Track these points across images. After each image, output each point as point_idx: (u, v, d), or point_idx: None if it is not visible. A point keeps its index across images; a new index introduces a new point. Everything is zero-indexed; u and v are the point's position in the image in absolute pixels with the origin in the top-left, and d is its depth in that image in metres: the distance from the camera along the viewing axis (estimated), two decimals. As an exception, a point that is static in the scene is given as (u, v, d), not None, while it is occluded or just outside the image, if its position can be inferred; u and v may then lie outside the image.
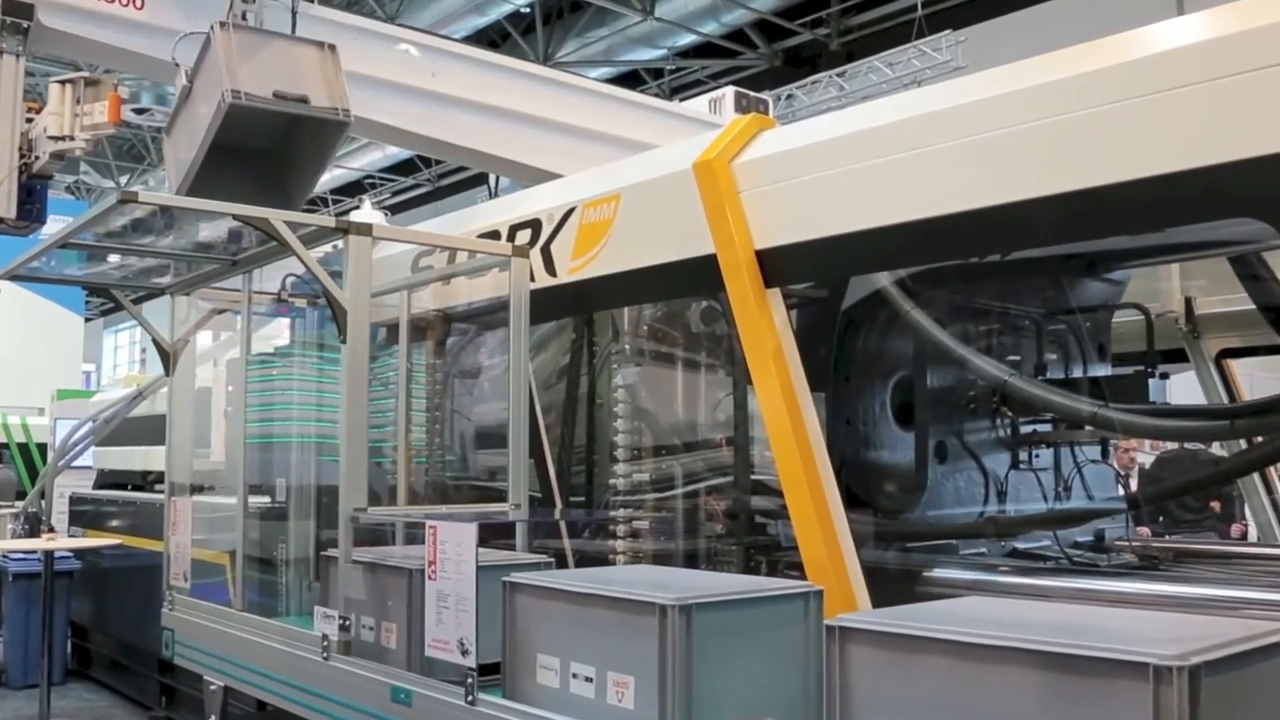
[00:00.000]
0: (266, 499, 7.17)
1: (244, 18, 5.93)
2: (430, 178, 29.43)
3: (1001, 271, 5.48)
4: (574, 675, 3.88)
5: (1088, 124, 3.93)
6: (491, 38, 20.78)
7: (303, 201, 6.37)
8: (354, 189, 30.20)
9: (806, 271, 5.16)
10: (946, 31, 16.91)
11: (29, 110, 6.25)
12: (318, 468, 6.92)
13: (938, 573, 5.26)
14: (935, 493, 5.65)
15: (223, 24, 5.63)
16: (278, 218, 5.41)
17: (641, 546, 5.66)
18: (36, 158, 6.12)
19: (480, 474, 6.98)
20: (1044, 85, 4.12)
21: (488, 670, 4.38)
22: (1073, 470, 5.98)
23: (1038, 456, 5.93)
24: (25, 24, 6.22)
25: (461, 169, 25.93)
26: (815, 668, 3.64)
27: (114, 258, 7.25)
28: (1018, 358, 5.90)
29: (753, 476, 5.46)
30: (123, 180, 30.20)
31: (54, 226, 6.56)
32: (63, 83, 5.76)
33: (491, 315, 6.54)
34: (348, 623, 5.34)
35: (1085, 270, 5.84)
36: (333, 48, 5.87)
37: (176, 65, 5.98)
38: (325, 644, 5.41)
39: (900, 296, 5.31)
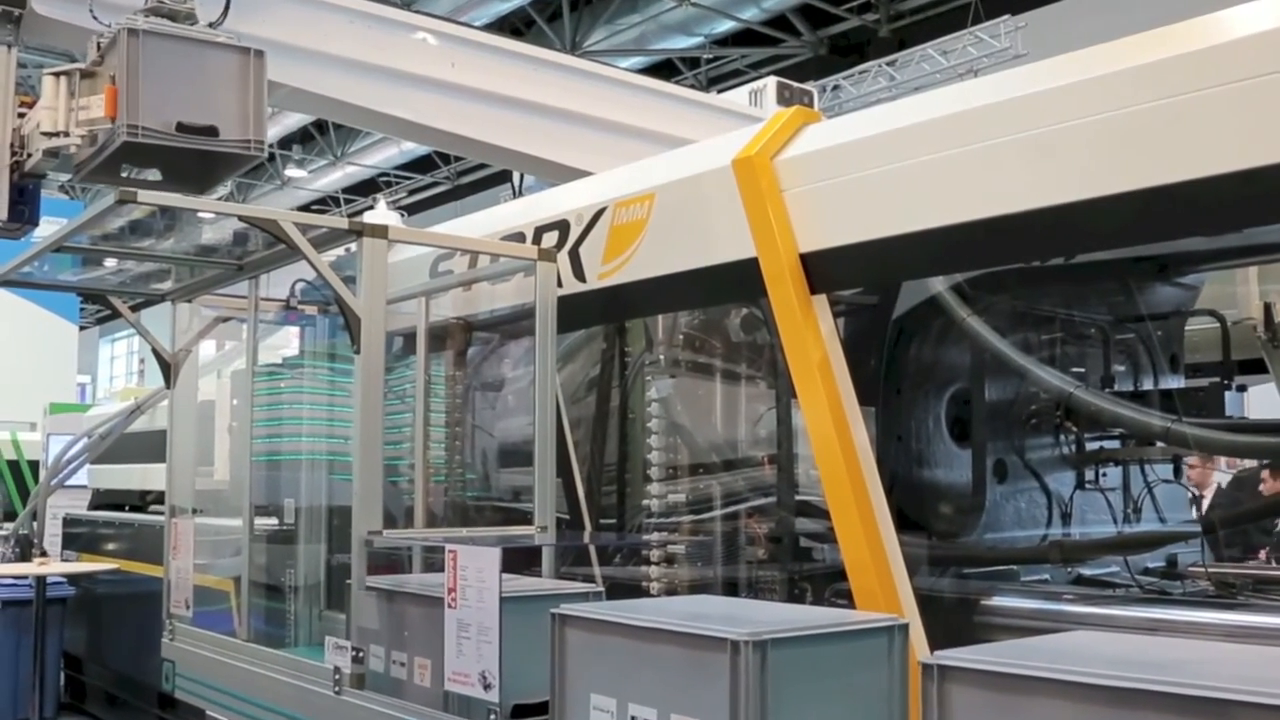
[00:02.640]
0: (274, 521, 7.20)
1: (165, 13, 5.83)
2: (449, 175, 29.55)
3: (1066, 275, 5.46)
4: (633, 718, 3.86)
5: (1161, 116, 3.92)
6: (515, 25, 20.87)
7: (213, 189, 6.36)
8: (368, 187, 30.36)
9: (855, 276, 5.15)
10: (1005, 17, 16.88)
11: (21, 105, 6.30)
12: (329, 487, 6.95)
13: (997, 601, 5.23)
14: (994, 514, 5.63)
15: (133, 31, 5.54)
16: (286, 219, 5.45)
17: (678, 573, 5.66)
18: (29, 155, 6.16)
19: (504, 494, 6.99)
20: (1114, 74, 4.11)
21: (531, 711, 4.38)
22: (1143, 490, 5.94)
23: (1105, 475, 5.89)
24: (17, 12, 6.29)
25: (483, 166, 26.03)
26: (899, 709, 3.62)
27: (111, 262, 7.31)
28: (1083, 369, 5.87)
29: (797, 497, 5.45)
30: (121, 179, 30.38)
31: (47, 228, 6.61)
32: (57, 75, 5.80)
33: (516, 323, 6.56)
34: (361, 654, 5.36)
35: (1156, 274, 5.82)
36: (260, 55, 5.77)
37: (94, 17, 5.98)
38: (337, 677, 5.43)
39: (956, 303, 5.30)
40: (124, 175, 5.93)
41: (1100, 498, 5.87)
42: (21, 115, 6.28)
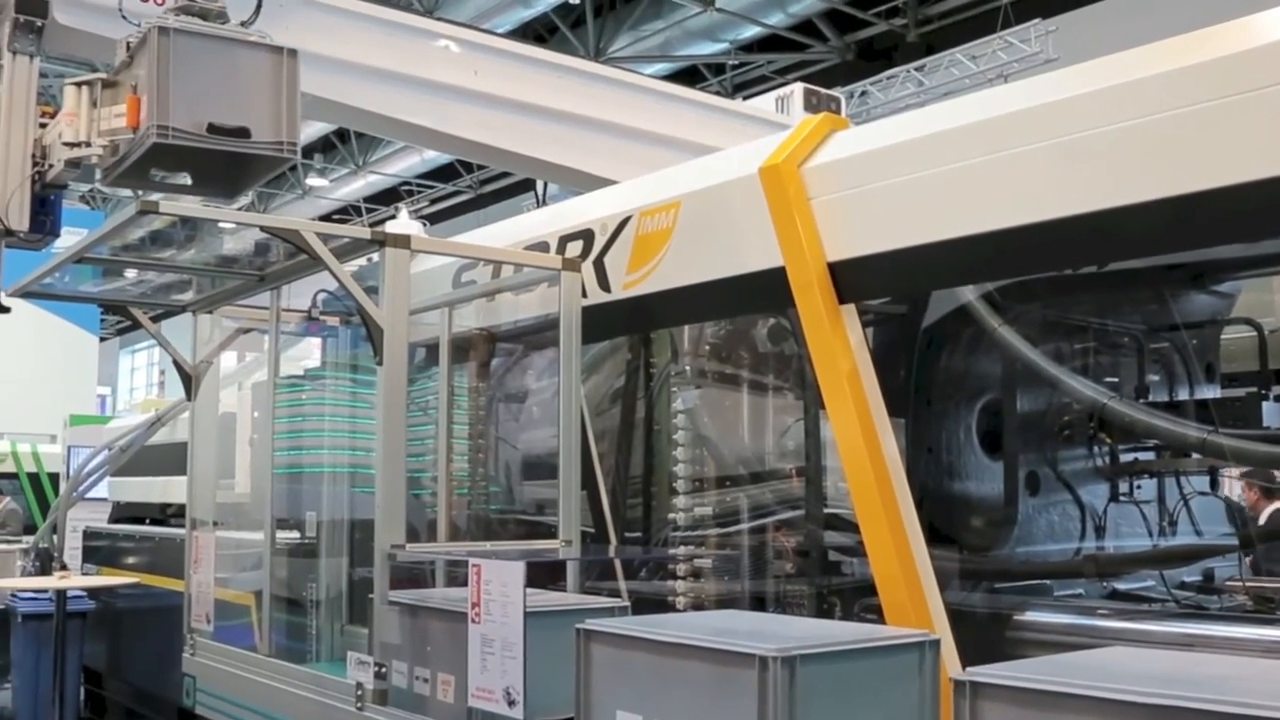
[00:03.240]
0: (295, 534, 7.22)
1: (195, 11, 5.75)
2: (472, 184, 29.61)
3: (1098, 283, 5.44)
4: (659, 735, 3.84)
5: (1195, 121, 3.91)
6: (538, 32, 20.91)
7: (243, 194, 6.35)
8: (389, 196, 30.42)
9: (884, 285, 5.14)
10: (1035, 20, 16.84)
11: (43, 115, 6.34)
12: (351, 500, 6.96)
13: (1030, 616, 5.21)
14: (1026, 528, 5.60)
15: (163, 29, 5.48)
16: (308, 229, 5.47)
17: (704, 588, 5.65)
18: (50, 166, 6.20)
19: (528, 507, 7.00)
20: (1148, 79, 4.10)
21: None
22: (1179, 503, 5.91)
23: (1139, 488, 5.87)
24: (39, 22, 6.33)
25: (506, 175, 26.05)
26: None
27: (132, 272, 7.34)
28: (1117, 379, 5.85)
29: (826, 510, 5.44)
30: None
31: (67, 239, 6.65)
32: (79, 85, 5.83)
33: (540, 334, 6.57)
34: (384, 670, 5.37)
35: (1191, 282, 5.79)
36: (292, 54, 5.70)
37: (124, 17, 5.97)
38: (359, 693, 5.44)
39: (987, 312, 5.28)
40: (153, 178, 5.93)
41: (1135, 510, 5.85)
42: (43, 125, 6.32)
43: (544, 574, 5.69)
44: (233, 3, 5.84)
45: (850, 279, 4.94)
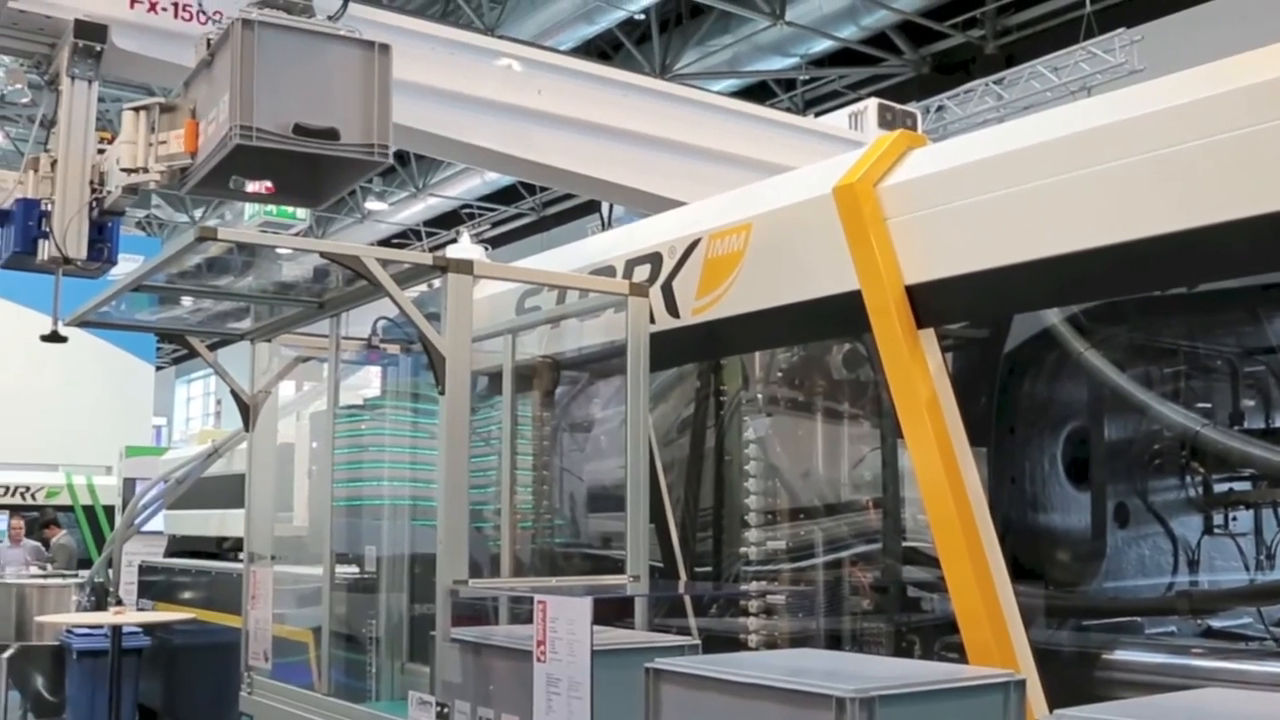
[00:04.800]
0: (355, 569, 7.25)
1: (280, 4, 5.63)
2: (534, 206, 29.75)
3: (1190, 305, 5.38)
4: (731, 779, 3.82)
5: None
6: (602, 49, 21.00)
7: (327, 202, 6.37)
8: (450, 219, 30.65)
9: (965, 309, 5.12)
10: (1119, 30, 16.72)
11: (100, 140, 6.44)
12: (411, 534, 6.98)
13: (1120, 655, 5.15)
14: (1115, 562, 5.55)
15: (247, 21, 5.31)
16: (369, 255, 5.50)
17: (778, 625, 5.63)
18: (108, 192, 6.29)
19: (594, 541, 7.00)
20: (1241, 90, 4.06)
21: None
22: (1276, 535, 5.83)
23: (1234, 519, 5.79)
24: (98, 47, 6.44)
25: (569, 196, 26.15)
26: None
27: (188, 300, 7.41)
28: (1209, 404, 5.78)
29: (904, 544, 5.41)
30: (197, 214, 30.98)
31: (123, 266, 6.73)
32: (137, 110, 5.91)
33: (606, 362, 6.58)
34: (446, 709, 5.37)
35: (1289, 302, 5.72)
36: (385, 50, 5.54)
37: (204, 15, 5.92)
38: (421, 733, 5.45)
39: (1072, 336, 5.24)
40: (232, 186, 5.91)
41: (1230, 543, 5.77)
42: (101, 151, 6.42)
43: (611, 611, 5.68)
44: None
45: (929, 302, 4.92)
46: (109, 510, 19.07)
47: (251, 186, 6.09)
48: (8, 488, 19.77)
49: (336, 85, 5.49)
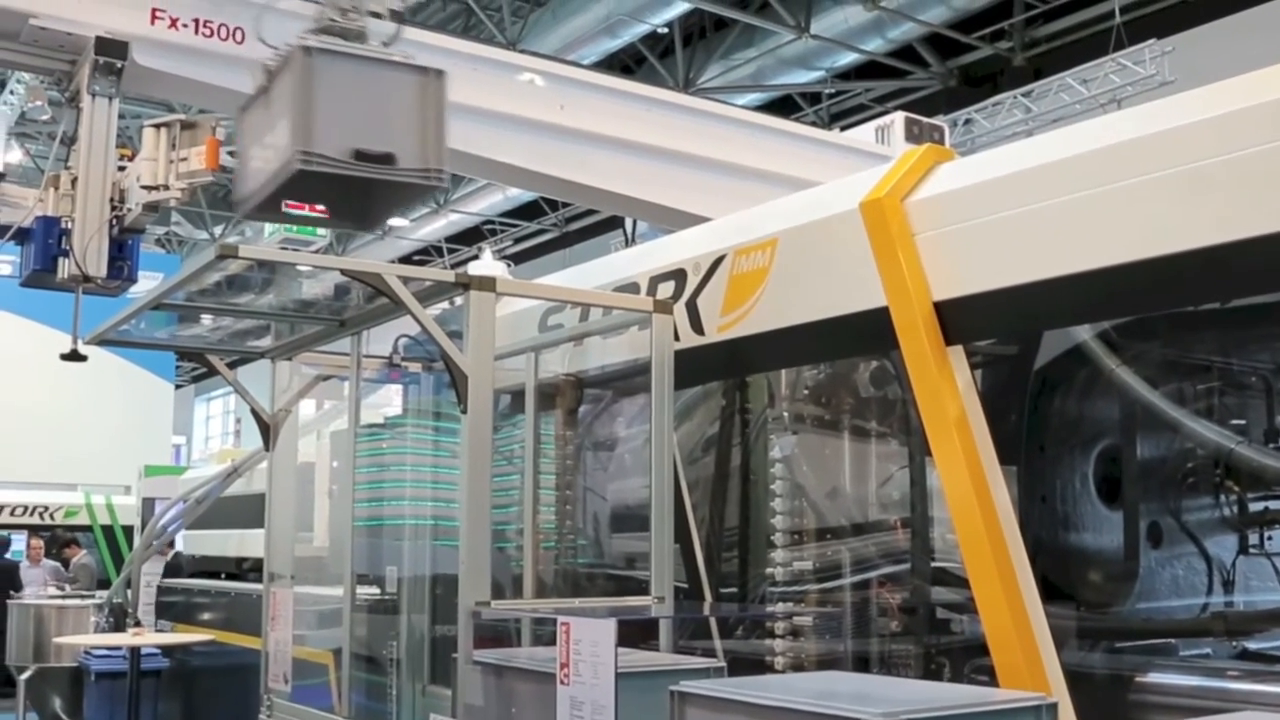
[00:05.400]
0: (375, 590, 7.26)
1: (336, 31, 5.73)
2: (557, 222, 29.78)
3: (1223, 320, 5.37)
4: (758, 804, 3.81)
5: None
6: (625, 63, 21.05)
7: (378, 227, 6.41)
8: (472, 236, 30.71)
9: (994, 325, 5.11)
10: (1150, 41, 16.67)
11: (121, 157, 6.48)
12: (433, 554, 6.99)
13: (1153, 678, 5.13)
14: (1148, 583, 5.53)
15: (307, 49, 5.45)
16: (390, 272, 5.52)
17: (805, 647, 5.61)
18: (129, 210, 6.33)
19: (618, 562, 6.99)
20: (1275, 102, 4.05)
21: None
22: (1315, 555, 5.81)
23: (1270, 539, 5.76)
24: (119, 64, 6.48)
25: (592, 212, 26.18)
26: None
27: (208, 318, 7.45)
28: (1244, 421, 5.76)
29: (933, 564, 5.40)
30: (217, 231, 31.11)
31: (143, 284, 6.76)
32: (157, 126, 5.95)
33: (630, 380, 6.58)
34: (468, 732, 5.38)
35: (1325, 318, 5.70)
36: (439, 75, 5.71)
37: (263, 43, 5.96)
38: (443, 756, 5.45)
39: (1104, 352, 5.23)
40: (284, 211, 5.95)
41: (1266, 563, 5.74)
42: (121, 169, 6.45)
43: (636, 632, 5.67)
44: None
45: (958, 319, 4.91)
46: (128, 530, 19.14)
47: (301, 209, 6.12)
48: (26, 507, 19.85)
49: (393, 110, 5.59)
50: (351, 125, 5.46)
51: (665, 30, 20.29)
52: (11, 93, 21.05)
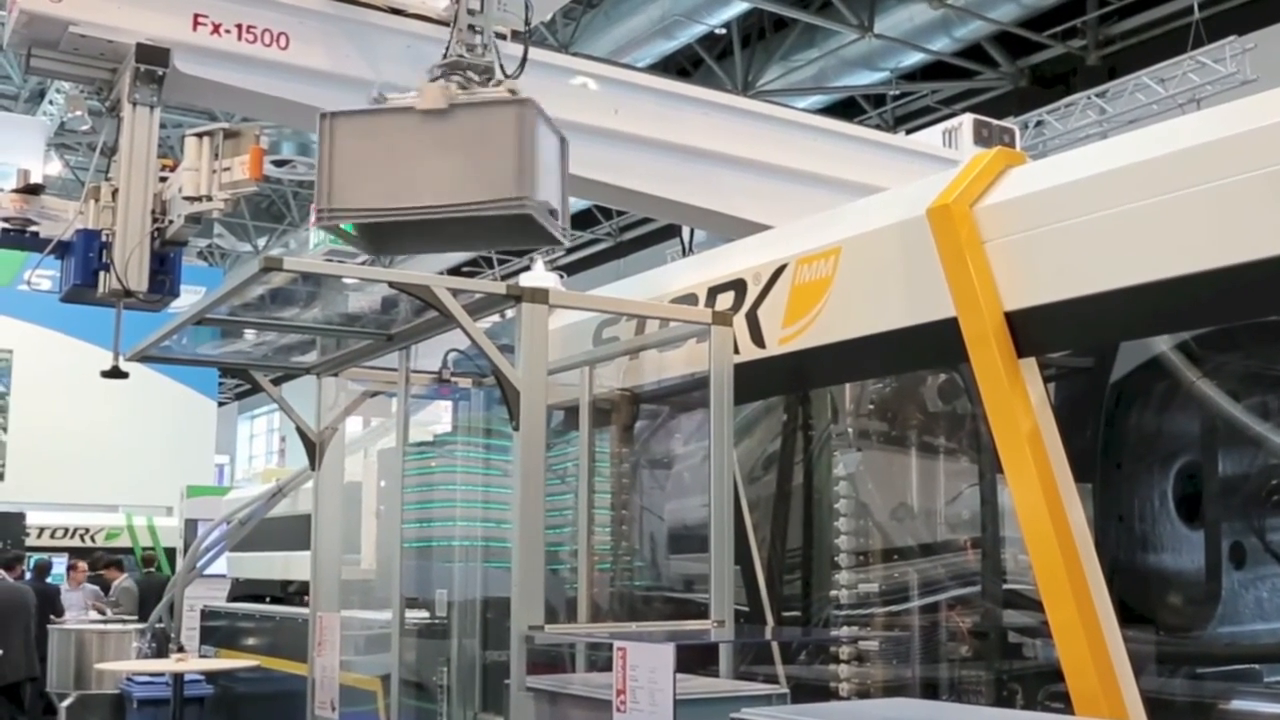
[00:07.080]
0: (425, 614, 7.28)
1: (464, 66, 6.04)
2: (611, 231, 29.83)
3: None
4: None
5: None
6: (682, 65, 21.06)
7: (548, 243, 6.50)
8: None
9: (1068, 337, 5.09)
10: (1231, 38, 16.52)
11: (162, 168, 6.53)
12: (484, 577, 7.01)
13: (1238, 705, 5.09)
14: (1231, 605, 5.48)
15: (522, 99, 5.77)
16: (439, 284, 5.55)
17: (871, 673, 5.60)
18: (170, 221, 6.38)
19: (675, 584, 7.00)
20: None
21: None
22: None
23: (1361, 560, 5.71)
24: (160, 71, 6.54)
25: (647, 221, 26.22)
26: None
27: (252, 333, 7.50)
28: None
29: (1005, 586, 5.37)
30: (261, 243, 31.32)
31: (185, 298, 6.81)
32: (200, 135, 6.00)
33: (688, 395, 6.59)
34: (521, 761, 5.39)
35: None
36: (564, 143, 6.14)
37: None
38: (496, 786, 5.47)
39: (1184, 364, 5.19)
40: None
41: (1357, 586, 5.69)
42: (162, 179, 6.50)
43: (695, 658, 5.68)
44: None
45: (1030, 330, 4.90)
46: (170, 552, 19.28)
47: None
48: (66, 529, 20.05)
49: (541, 160, 5.85)
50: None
51: (723, 31, 20.27)
52: (50, 103, 21.34)
